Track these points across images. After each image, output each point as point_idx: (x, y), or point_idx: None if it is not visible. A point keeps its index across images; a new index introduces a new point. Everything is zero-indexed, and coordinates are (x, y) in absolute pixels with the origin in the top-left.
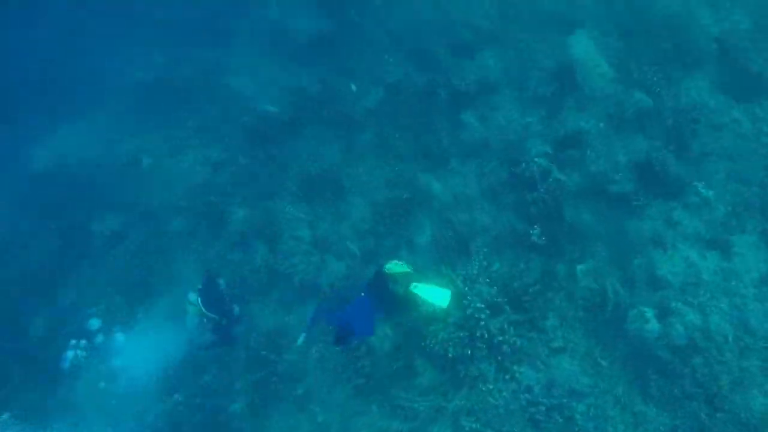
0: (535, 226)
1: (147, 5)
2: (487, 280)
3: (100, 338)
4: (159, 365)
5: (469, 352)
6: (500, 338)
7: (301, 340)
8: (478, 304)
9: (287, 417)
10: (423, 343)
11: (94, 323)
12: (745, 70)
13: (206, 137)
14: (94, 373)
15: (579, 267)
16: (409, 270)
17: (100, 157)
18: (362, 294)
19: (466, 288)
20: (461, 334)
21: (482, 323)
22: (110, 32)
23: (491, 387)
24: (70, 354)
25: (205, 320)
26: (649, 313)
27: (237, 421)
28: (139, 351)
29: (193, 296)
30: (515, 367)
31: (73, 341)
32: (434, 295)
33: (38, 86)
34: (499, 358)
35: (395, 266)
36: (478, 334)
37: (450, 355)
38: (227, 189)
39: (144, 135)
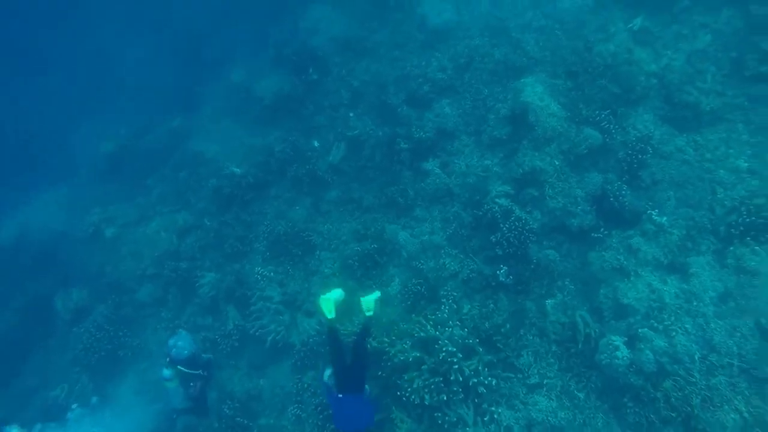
0: (502, 266)
1: (118, 73)
2: (458, 323)
3: None
4: None
5: (445, 397)
6: (475, 380)
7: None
8: (450, 348)
9: None
10: (399, 393)
11: None
12: (683, 102)
13: (172, 203)
14: None
15: (548, 302)
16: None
17: (63, 228)
18: (339, 396)
19: (437, 333)
20: (436, 380)
21: (455, 366)
22: (75, 104)
23: (471, 431)
24: None
25: (191, 383)
26: (618, 341)
27: None
28: None
29: (167, 372)
30: (493, 408)
31: None
32: (372, 300)
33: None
34: (476, 400)
35: (325, 305)
36: (452, 377)
37: (426, 402)
38: (195, 254)
39: (109, 205)
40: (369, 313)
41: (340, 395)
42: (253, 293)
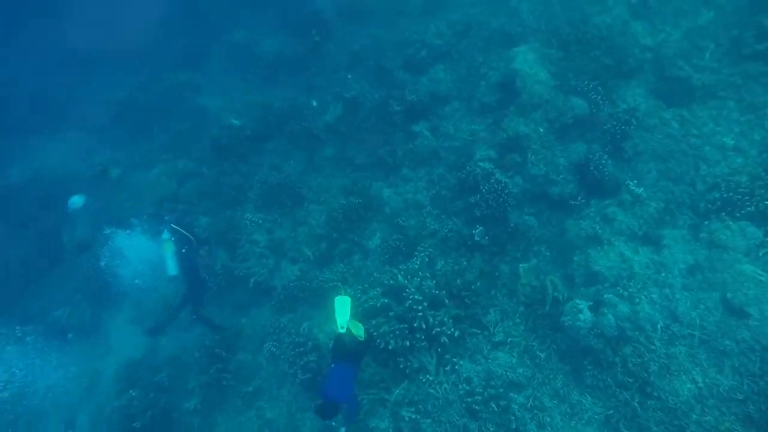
0: (478, 226)
1: (129, 34)
2: (428, 274)
3: None
4: None
5: (408, 343)
6: (438, 329)
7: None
8: (417, 296)
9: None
10: None
11: None
12: (675, 77)
13: (174, 150)
14: None
15: (522, 266)
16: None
17: (74, 169)
18: (332, 365)
19: (406, 281)
20: (401, 326)
21: (420, 314)
22: (93, 57)
23: (431, 379)
24: None
25: (182, 250)
26: (583, 305)
27: (189, 417)
28: None
29: (166, 233)
30: (455, 360)
31: None
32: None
33: (19, 108)
34: (440, 350)
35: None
36: (416, 324)
37: (390, 347)
38: (192, 198)
39: (115, 149)
40: (342, 330)
41: (333, 365)
42: (242, 237)
